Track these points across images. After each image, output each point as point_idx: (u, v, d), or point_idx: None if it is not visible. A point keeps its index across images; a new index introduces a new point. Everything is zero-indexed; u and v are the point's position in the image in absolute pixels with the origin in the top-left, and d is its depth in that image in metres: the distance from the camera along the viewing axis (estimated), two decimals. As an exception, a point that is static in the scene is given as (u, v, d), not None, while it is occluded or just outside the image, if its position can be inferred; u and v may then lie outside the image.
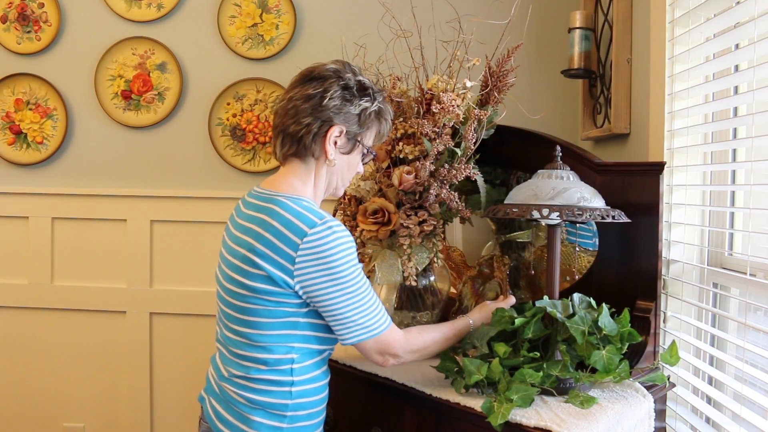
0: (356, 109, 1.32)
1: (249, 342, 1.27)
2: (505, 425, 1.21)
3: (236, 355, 1.29)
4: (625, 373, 1.32)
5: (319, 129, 1.30)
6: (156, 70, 2.45)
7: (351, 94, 1.32)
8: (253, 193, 1.34)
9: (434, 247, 1.58)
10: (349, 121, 1.32)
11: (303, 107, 1.29)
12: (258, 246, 1.22)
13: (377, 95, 1.36)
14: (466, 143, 1.55)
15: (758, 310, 1.39)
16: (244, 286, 1.25)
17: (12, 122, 2.50)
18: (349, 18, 2.37)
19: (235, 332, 1.29)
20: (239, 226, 1.29)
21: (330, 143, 1.31)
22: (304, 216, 1.22)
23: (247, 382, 1.27)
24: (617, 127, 1.82)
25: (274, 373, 1.26)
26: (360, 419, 1.55)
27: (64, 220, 2.53)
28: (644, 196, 1.49)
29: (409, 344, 1.33)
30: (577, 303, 1.36)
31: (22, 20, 2.46)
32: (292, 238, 1.20)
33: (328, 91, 1.29)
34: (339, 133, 1.31)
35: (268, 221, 1.23)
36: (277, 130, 1.34)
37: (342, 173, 1.37)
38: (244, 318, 1.26)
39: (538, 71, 2.29)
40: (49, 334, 2.55)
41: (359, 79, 1.34)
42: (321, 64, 1.34)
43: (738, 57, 1.39)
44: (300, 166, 1.33)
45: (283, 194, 1.28)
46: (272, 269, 1.21)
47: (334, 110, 1.30)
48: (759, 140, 1.29)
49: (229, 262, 1.28)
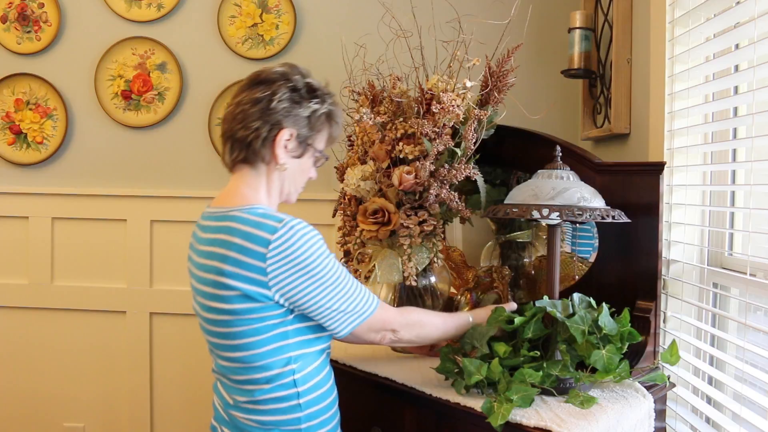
0: (306, 111, 1.29)
1: (245, 365, 1.23)
2: (505, 425, 1.20)
3: (236, 381, 1.26)
4: (625, 373, 1.32)
5: (268, 133, 1.26)
6: (156, 70, 2.45)
7: (300, 96, 1.29)
8: (206, 215, 1.30)
9: (434, 247, 1.58)
10: (298, 124, 1.29)
11: (251, 111, 1.26)
12: (225, 267, 1.18)
13: (327, 97, 1.33)
14: (466, 143, 1.55)
15: (758, 310, 1.39)
16: (222, 311, 1.21)
17: (12, 122, 2.50)
18: (349, 18, 2.37)
19: (228, 359, 1.25)
20: (201, 252, 1.25)
21: (280, 147, 1.28)
22: (263, 224, 1.18)
23: (254, 405, 1.25)
24: (617, 127, 1.82)
25: (277, 389, 1.23)
26: (360, 419, 1.55)
27: (64, 220, 2.53)
28: (644, 196, 1.49)
29: (405, 318, 1.33)
30: (577, 303, 1.36)
31: (22, 20, 2.46)
32: (257, 249, 1.16)
33: (276, 94, 1.27)
34: (289, 136, 1.28)
35: (228, 240, 1.19)
36: (225, 136, 1.31)
37: (294, 178, 1.34)
38: (232, 343, 1.22)
39: (538, 71, 2.29)
40: (49, 334, 2.55)
41: (308, 81, 1.31)
42: (269, 68, 1.31)
43: (738, 57, 1.39)
44: (250, 173, 1.30)
45: (236, 208, 1.24)
46: (246, 286, 1.17)
47: (283, 113, 1.27)
48: (759, 140, 1.29)
49: (202, 291, 1.24)
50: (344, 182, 1.66)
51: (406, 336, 1.34)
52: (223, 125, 1.32)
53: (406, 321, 1.34)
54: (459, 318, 1.43)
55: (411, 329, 1.34)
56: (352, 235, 1.64)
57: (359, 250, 1.64)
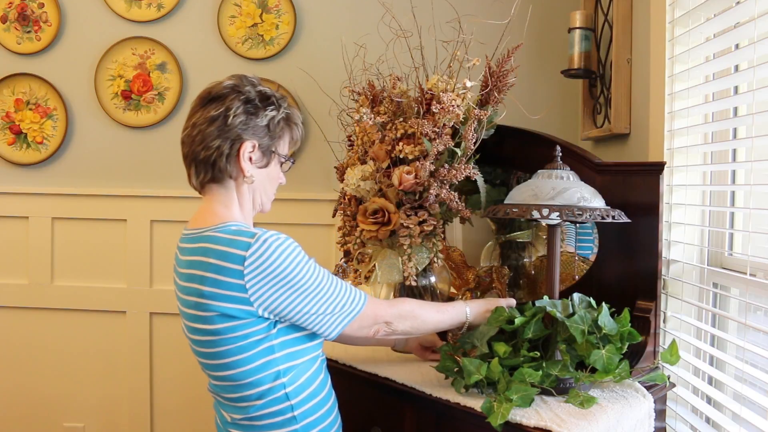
0: (263, 120, 1.29)
1: (234, 383, 1.23)
2: (505, 425, 1.20)
3: (229, 399, 1.26)
4: (625, 373, 1.32)
5: (230, 149, 1.26)
6: (156, 70, 2.45)
7: (254, 107, 1.28)
8: (183, 237, 1.30)
9: (434, 247, 1.58)
10: (258, 134, 1.28)
11: (209, 131, 1.26)
12: (204, 288, 1.18)
13: (282, 102, 1.33)
14: (466, 143, 1.55)
15: (758, 310, 1.39)
16: (206, 332, 1.20)
17: (12, 122, 2.50)
18: (349, 18, 2.37)
19: (218, 378, 1.25)
20: (181, 275, 1.25)
21: (245, 161, 1.27)
22: (236, 241, 1.17)
23: (250, 421, 1.25)
24: (617, 127, 1.82)
25: (270, 404, 1.23)
26: (360, 419, 1.55)
27: (64, 220, 2.53)
28: (644, 196, 1.49)
29: (397, 309, 1.32)
30: (577, 303, 1.36)
31: (22, 20, 2.46)
32: (233, 267, 1.15)
33: (230, 109, 1.26)
34: (252, 148, 1.28)
35: (204, 261, 1.19)
36: (188, 160, 1.30)
37: (264, 188, 1.34)
38: (219, 362, 1.22)
39: (538, 71, 2.29)
40: (49, 334, 2.55)
41: (260, 90, 1.31)
42: (218, 83, 1.31)
43: (738, 57, 1.39)
44: (220, 190, 1.30)
45: (210, 228, 1.24)
46: (227, 305, 1.16)
47: (241, 126, 1.26)
48: (759, 140, 1.29)
49: (186, 314, 1.24)
50: (344, 182, 1.66)
51: (401, 327, 1.33)
52: (183, 149, 1.31)
53: (399, 312, 1.32)
54: (455, 309, 1.41)
55: (404, 321, 1.33)
56: (352, 235, 1.64)
57: (359, 250, 1.64)
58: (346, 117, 1.81)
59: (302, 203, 2.43)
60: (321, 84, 2.16)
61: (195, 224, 1.29)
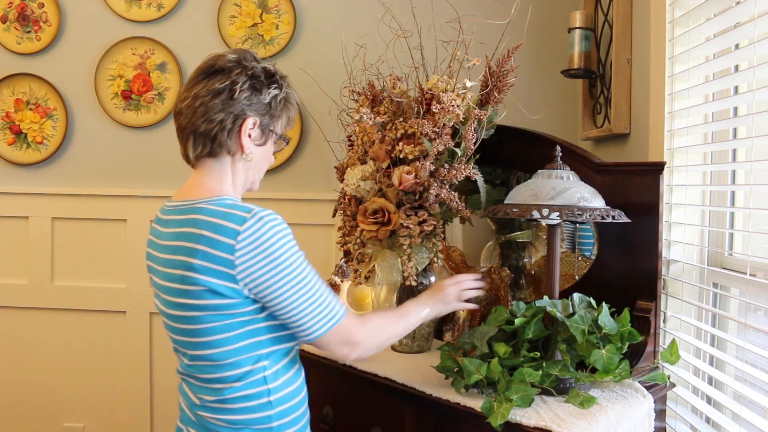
0: (267, 97, 1.25)
1: (214, 363, 1.18)
2: (505, 425, 1.21)
3: (204, 380, 1.21)
4: (625, 373, 1.32)
5: (233, 124, 1.22)
6: (156, 70, 2.45)
7: (260, 83, 1.25)
8: (167, 209, 1.26)
9: (434, 247, 1.58)
10: (260, 111, 1.25)
11: (212, 103, 1.21)
12: (194, 261, 1.13)
13: (283, 81, 1.30)
14: (466, 143, 1.55)
15: (758, 310, 1.39)
16: (191, 307, 1.15)
17: (12, 122, 2.50)
18: (349, 18, 2.37)
19: (196, 357, 1.20)
20: (165, 247, 1.20)
21: (245, 137, 1.24)
22: (232, 215, 1.13)
23: (223, 404, 1.20)
24: (617, 127, 1.82)
25: (248, 387, 1.19)
26: (360, 419, 1.55)
27: (64, 220, 2.53)
28: (644, 196, 1.49)
29: (367, 329, 1.26)
30: (577, 303, 1.36)
31: (22, 20, 2.46)
32: (225, 241, 1.11)
33: (236, 83, 1.22)
34: (253, 125, 1.24)
35: (196, 233, 1.14)
36: (186, 132, 1.25)
37: (258, 166, 1.31)
38: (201, 340, 1.17)
39: (538, 71, 2.29)
40: (49, 334, 2.55)
41: (264, 66, 1.28)
42: (220, 55, 1.27)
43: (738, 57, 1.39)
44: (214, 165, 1.26)
45: (202, 200, 1.19)
46: (215, 281, 1.12)
47: (246, 102, 1.23)
48: (759, 140, 1.29)
49: (167, 288, 1.19)
50: (344, 182, 1.66)
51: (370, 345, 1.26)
52: (180, 120, 1.26)
53: (368, 332, 1.26)
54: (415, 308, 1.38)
55: (374, 339, 1.27)
56: (352, 235, 1.64)
57: (359, 250, 1.64)
58: (346, 117, 1.82)
59: (302, 203, 2.43)
60: (321, 84, 2.16)
61: (182, 196, 1.25)
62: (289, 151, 2.41)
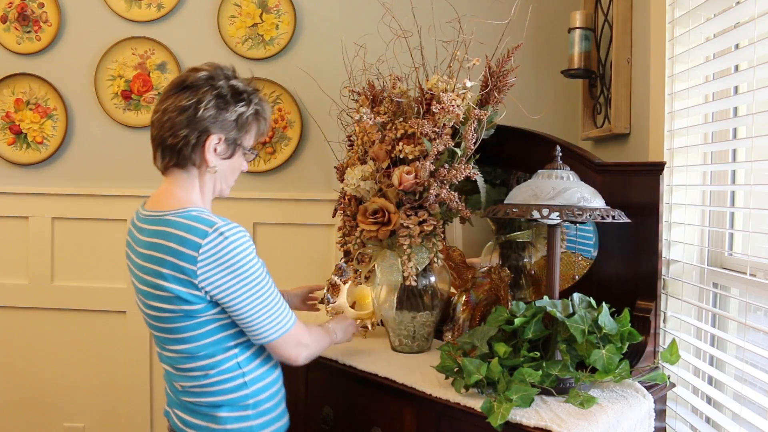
0: (232, 115, 1.32)
1: (189, 355, 1.30)
2: (505, 425, 1.21)
3: (182, 369, 1.32)
4: (625, 373, 1.32)
5: (197, 140, 1.30)
6: (156, 70, 2.45)
7: (225, 102, 1.31)
8: (141, 217, 1.35)
9: (434, 247, 1.58)
10: (226, 128, 1.32)
11: (178, 119, 1.29)
12: (163, 270, 1.24)
13: (253, 97, 1.36)
14: (466, 143, 1.55)
15: (758, 310, 1.39)
16: (163, 310, 1.27)
17: (12, 122, 2.50)
18: (349, 18, 2.37)
19: (172, 351, 1.32)
20: (141, 255, 1.30)
21: (209, 152, 1.31)
22: (195, 228, 1.22)
23: (202, 389, 1.32)
24: (617, 127, 1.82)
25: (223, 373, 1.30)
26: (360, 419, 1.55)
27: (64, 220, 2.53)
28: (644, 196, 1.49)
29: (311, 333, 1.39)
30: (577, 302, 1.36)
31: (22, 20, 2.46)
32: (189, 253, 1.21)
33: (201, 102, 1.29)
34: (218, 140, 1.32)
35: (164, 244, 1.24)
36: (155, 143, 1.34)
37: (225, 177, 1.38)
38: (175, 337, 1.29)
39: (538, 71, 2.29)
40: (49, 334, 2.55)
41: (232, 84, 1.34)
42: (194, 71, 1.33)
43: (738, 57, 1.39)
44: (182, 175, 1.34)
45: (170, 211, 1.28)
46: (180, 289, 1.23)
47: (210, 120, 1.29)
48: (759, 140, 1.29)
49: (143, 291, 1.31)
50: (344, 182, 1.66)
51: (316, 351, 1.40)
52: (151, 130, 1.34)
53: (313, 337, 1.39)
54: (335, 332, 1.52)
55: (317, 344, 1.40)
56: (352, 235, 1.64)
57: (359, 250, 1.64)
58: (346, 117, 1.82)
59: (302, 203, 2.43)
60: (321, 84, 2.16)
61: (154, 206, 1.33)
62: (289, 151, 2.41)
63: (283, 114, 2.41)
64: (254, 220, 2.45)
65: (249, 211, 2.43)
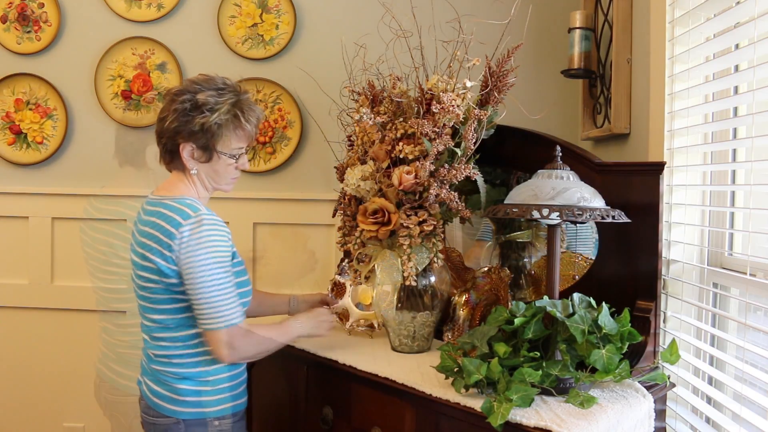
0: (195, 126, 1.46)
1: (162, 326, 1.48)
2: (505, 425, 1.21)
3: (156, 338, 1.50)
4: (625, 373, 1.32)
5: (172, 147, 1.50)
6: (156, 70, 2.45)
7: (185, 115, 1.46)
8: (149, 200, 1.53)
9: (434, 247, 1.58)
10: (194, 137, 1.47)
11: (157, 128, 1.52)
12: (151, 244, 1.43)
13: (218, 107, 1.47)
14: (466, 143, 1.55)
15: (758, 310, 1.39)
16: (147, 280, 1.46)
17: (12, 122, 2.50)
18: (349, 18, 2.37)
19: (150, 320, 1.50)
20: (140, 231, 1.49)
21: (186, 158, 1.49)
22: (182, 211, 1.42)
23: (170, 359, 1.48)
24: (617, 127, 1.82)
25: (189, 348, 1.47)
26: (360, 419, 1.55)
27: (64, 220, 2.53)
28: (644, 196, 1.49)
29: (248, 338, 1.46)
30: (577, 302, 1.36)
31: (22, 20, 2.46)
32: (170, 230, 1.41)
33: (166, 116, 1.48)
34: (191, 148, 1.48)
35: (156, 222, 1.44)
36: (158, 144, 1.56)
37: (212, 177, 1.54)
38: (153, 306, 1.48)
39: (538, 71, 2.29)
40: (49, 334, 2.55)
41: (196, 99, 1.46)
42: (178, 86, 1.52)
43: (738, 57, 1.39)
44: (177, 173, 1.55)
45: (169, 197, 1.48)
46: (161, 262, 1.41)
47: (175, 131, 1.47)
48: (759, 140, 1.29)
49: (136, 262, 1.50)
50: (344, 182, 1.66)
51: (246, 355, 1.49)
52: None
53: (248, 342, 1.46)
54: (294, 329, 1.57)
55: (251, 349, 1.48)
56: (352, 235, 1.64)
57: (359, 250, 1.64)
58: (346, 117, 1.81)
59: (302, 203, 2.43)
60: (321, 84, 2.16)
61: (159, 192, 1.53)
62: (289, 151, 2.41)
63: (283, 114, 2.41)
64: (254, 220, 2.45)
65: (249, 211, 2.43)
